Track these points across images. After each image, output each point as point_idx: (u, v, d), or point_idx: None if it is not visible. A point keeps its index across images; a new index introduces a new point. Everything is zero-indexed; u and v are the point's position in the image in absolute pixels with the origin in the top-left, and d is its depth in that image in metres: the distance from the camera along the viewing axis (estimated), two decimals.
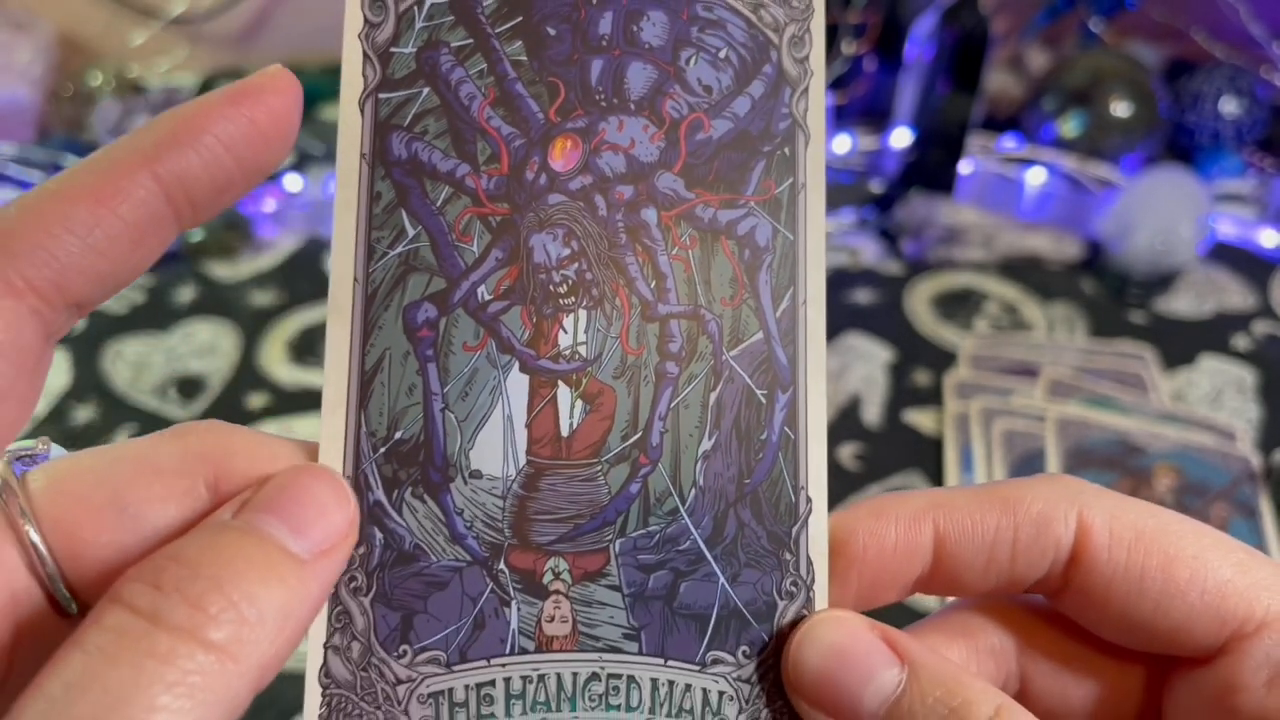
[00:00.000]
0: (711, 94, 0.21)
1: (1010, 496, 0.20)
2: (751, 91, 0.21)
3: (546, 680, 0.20)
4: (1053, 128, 0.84)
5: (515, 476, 0.20)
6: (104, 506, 0.18)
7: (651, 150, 0.21)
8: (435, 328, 0.20)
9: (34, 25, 0.86)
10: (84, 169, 0.18)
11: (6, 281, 0.17)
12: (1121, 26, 0.99)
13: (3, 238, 0.17)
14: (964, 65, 0.74)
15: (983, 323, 0.70)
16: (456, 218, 0.20)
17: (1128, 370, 0.65)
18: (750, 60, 0.21)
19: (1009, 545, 0.20)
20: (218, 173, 0.18)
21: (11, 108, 0.84)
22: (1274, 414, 0.63)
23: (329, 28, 0.92)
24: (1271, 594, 0.19)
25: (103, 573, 0.18)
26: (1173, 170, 0.76)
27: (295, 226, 0.77)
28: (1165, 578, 0.19)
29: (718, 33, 0.21)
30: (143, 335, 0.67)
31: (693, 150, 0.21)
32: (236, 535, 0.17)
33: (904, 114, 0.80)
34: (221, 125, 0.18)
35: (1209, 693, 0.19)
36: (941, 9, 0.74)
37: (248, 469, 0.19)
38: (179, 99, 0.84)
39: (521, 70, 0.21)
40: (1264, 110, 0.88)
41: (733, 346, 0.21)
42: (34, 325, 0.17)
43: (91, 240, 0.17)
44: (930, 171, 0.79)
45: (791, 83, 0.21)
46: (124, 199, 0.17)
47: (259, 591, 0.16)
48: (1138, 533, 0.20)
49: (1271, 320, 0.71)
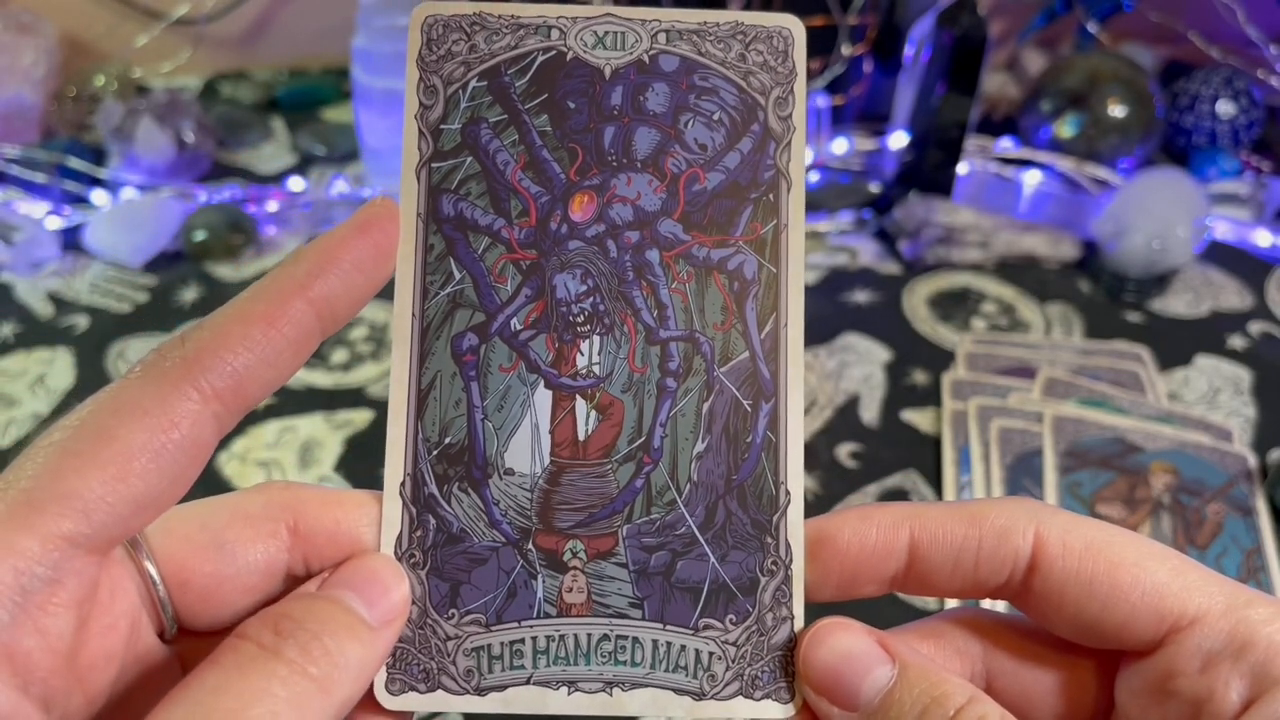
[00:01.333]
0: (706, 151, 0.25)
1: (976, 511, 0.24)
2: (741, 147, 0.25)
3: (566, 639, 0.24)
4: (1050, 129, 0.84)
5: (541, 473, 0.25)
6: (206, 545, 0.23)
7: (655, 201, 0.25)
8: (477, 353, 0.25)
9: (38, 27, 0.87)
10: (254, 297, 0.22)
11: (198, 389, 0.21)
12: (1118, 29, 1.00)
13: (196, 354, 0.21)
14: (961, 67, 0.75)
15: (980, 323, 0.70)
16: (494, 263, 0.25)
17: (1124, 370, 0.65)
18: (740, 120, 0.25)
19: (974, 553, 0.24)
20: (352, 289, 0.23)
21: (15, 109, 0.84)
22: (1270, 413, 0.63)
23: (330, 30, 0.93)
24: (1201, 594, 0.22)
25: (204, 599, 0.23)
26: (1169, 171, 0.76)
27: (297, 227, 0.78)
28: (1111, 581, 0.23)
29: (712, 98, 0.25)
30: (146, 335, 0.67)
31: (690, 199, 0.25)
32: (327, 603, 0.22)
33: (902, 116, 0.81)
34: (354, 251, 0.23)
35: (1152, 680, 0.23)
36: (939, 12, 0.75)
37: (319, 513, 0.23)
38: (182, 100, 0.84)
39: (547, 139, 0.25)
40: (1260, 112, 0.89)
41: (723, 364, 0.25)
42: (213, 426, 0.21)
43: (262, 355, 0.22)
44: (928, 173, 0.79)
45: (776, 138, 0.25)
46: (286, 321, 0.22)
47: (345, 645, 0.21)
48: (1086, 544, 0.23)
49: (1267, 320, 0.72)
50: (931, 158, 0.79)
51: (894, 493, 0.56)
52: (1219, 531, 0.54)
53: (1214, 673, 0.22)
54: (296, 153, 0.89)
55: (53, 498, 0.19)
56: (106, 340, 0.66)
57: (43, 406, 0.61)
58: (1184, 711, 0.22)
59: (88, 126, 0.88)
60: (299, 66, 1.01)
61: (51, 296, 0.70)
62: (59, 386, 0.62)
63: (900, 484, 0.57)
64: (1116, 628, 0.23)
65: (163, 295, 0.71)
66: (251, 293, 0.22)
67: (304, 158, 0.88)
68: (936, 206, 0.77)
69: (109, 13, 0.94)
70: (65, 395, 0.62)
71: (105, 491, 0.20)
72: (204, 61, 0.99)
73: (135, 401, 0.20)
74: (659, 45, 0.25)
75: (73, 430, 0.20)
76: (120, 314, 0.69)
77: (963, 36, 0.74)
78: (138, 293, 0.71)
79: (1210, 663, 0.22)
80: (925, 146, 0.78)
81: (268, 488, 0.24)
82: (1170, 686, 0.22)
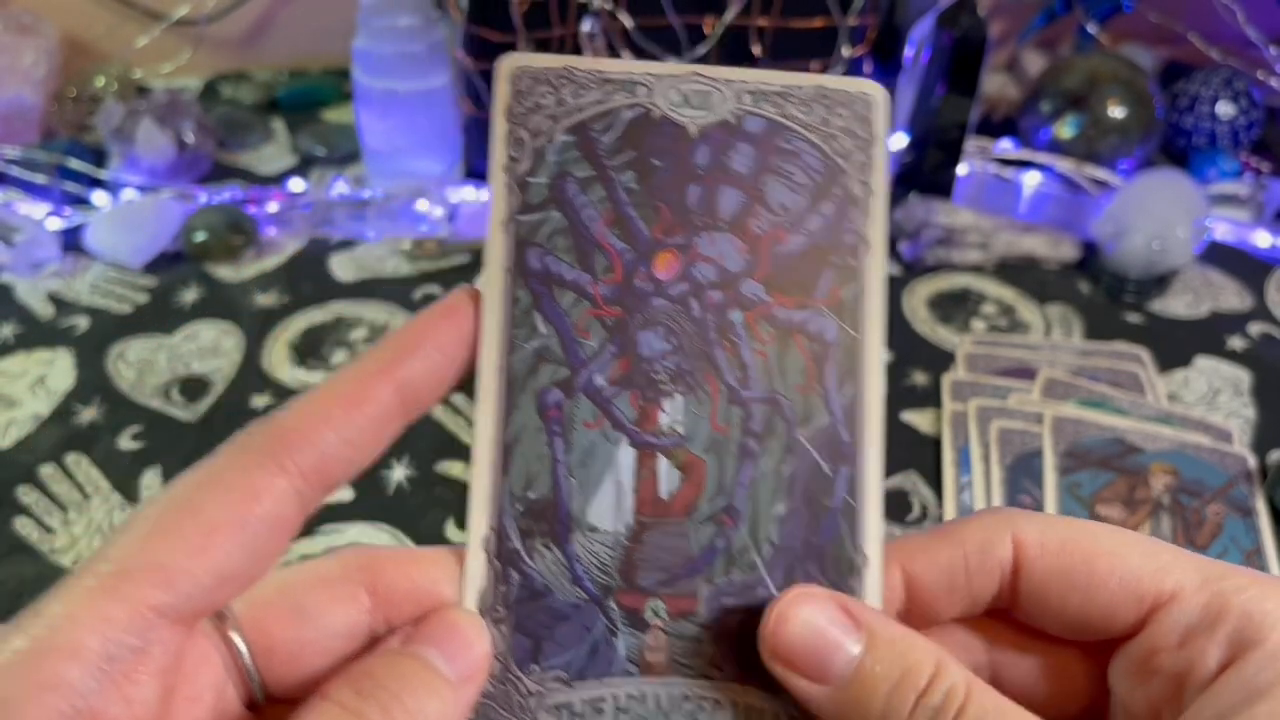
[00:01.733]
0: (789, 212, 0.25)
1: (955, 532, 0.25)
2: (823, 210, 0.25)
3: (647, 698, 0.24)
4: (1049, 130, 0.84)
5: (624, 531, 0.25)
6: (287, 611, 0.23)
7: (739, 261, 0.25)
8: (562, 408, 0.24)
9: (38, 27, 0.87)
10: (341, 379, 0.23)
11: (282, 467, 0.21)
12: (1118, 29, 1.00)
13: (281, 432, 0.22)
14: (961, 68, 0.75)
15: (980, 324, 0.70)
16: (579, 318, 0.25)
17: (1124, 371, 0.65)
18: (823, 183, 0.25)
19: (963, 571, 0.24)
20: (435, 371, 0.23)
21: (16, 110, 0.84)
22: (1269, 414, 0.63)
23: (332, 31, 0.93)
24: (1177, 572, 0.23)
25: (287, 664, 0.23)
26: (1169, 172, 0.76)
27: (298, 228, 0.78)
28: (1089, 572, 0.23)
29: (795, 161, 0.25)
30: (146, 336, 0.67)
31: (773, 260, 0.25)
32: (408, 660, 0.22)
33: (901, 117, 0.81)
34: (436, 336, 0.24)
35: (1138, 659, 0.23)
36: (939, 12, 0.75)
37: (397, 572, 0.23)
38: (182, 101, 0.84)
39: (633, 195, 0.25)
40: (1260, 113, 0.89)
41: (804, 426, 0.25)
42: (296, 503, 0.22)
43: (345, 435, 0.22)
44: (927, 174, 0.79)
45: (856, 202, 0.25)
46: (371, 404, 0.23)
47: (425, 704, 0.21)
48: (1062, 541, 0.24)
49: (1267, 321, 0.72)
50: (931, 159, 0.79)
51: (894, 493, 0.56)
52: (1219, 532, 0.54)
53: (1193, 645, 0.22)
54: (297, 154, 0.89)
55: (139, 568, 0.20)
56: (107, 341, 0.66)
57: (43, 407, 0.61)
58: (1167, 686, 0.23)
59: (88, 127, 0.88)
60: (299, 67, 1.01)
61: (52, 297, 0.70)
62: (59, 387, 0.62)
63: (900, 485, 0.57)
64: (1100, 617, 0.23)
65: (163, 296, 0.71)
66: (338, 375, 0.23)
67: (304, 159, 0.88)
68: (936, 207, 0.77)
69: (109, 13, 0.94)
70: (65, 396, 0.61)
71: (189, 563, 0.20)
72: (204, 62, 0.99)
73: (219, 477, 0.21)
74: (744, 106, 0.25)
75: (160, 505, 0.21)
76: (121, 315, 0.69)
77: (962, 37, 0.74)
78: (138, 294, 0.71)
79: (1189, 636, 0.22)
80: (925, 147, 0.79)
81: (343, 552, 0.24)
82: (1153, 664, 0.23)
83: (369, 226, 0.78)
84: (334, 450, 0.22)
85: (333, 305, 0.70)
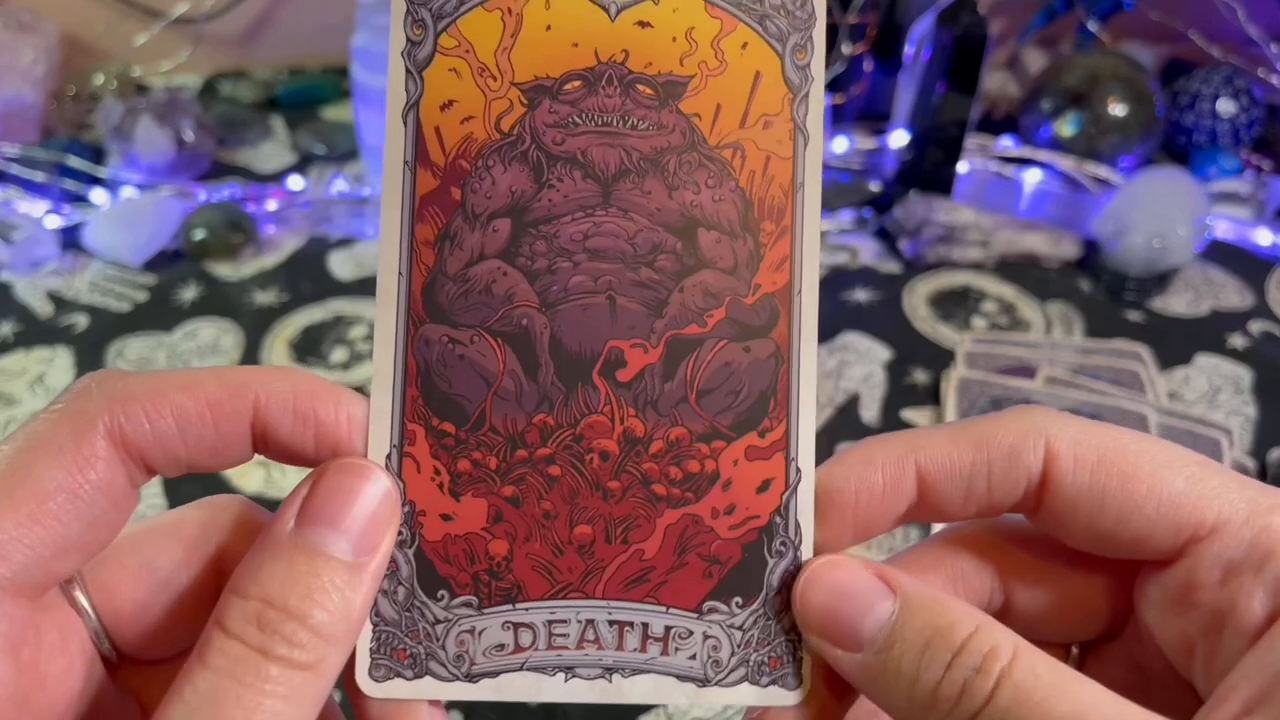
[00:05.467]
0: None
1: (983, 434, 0.23)
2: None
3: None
4: (1050, 128, 0.84)
5: None
6: (139, 573, 0.22)
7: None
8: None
9: (37, 26, 0.87)
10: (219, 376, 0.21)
11: (112, 434, 0.20)
12: (1118, 27, 1.00)
13: (123, 400, 0.20)
14: (961, 66, 0.75)
15: (980, 322, 0.70)
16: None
17: (1124, 369, 0.65)
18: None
19: (985, 478, 0.22)
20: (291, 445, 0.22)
21: (15, 108, 0.84)
22: (1270, 413, 0.63)
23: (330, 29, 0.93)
24: (1221, 501, 0.21)
25: (135, 620, 0.22)
26: (1169, 170, 0.76)
27: (297, 226, 0.78)
28: (1124, 495, 0.21)
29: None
30: (145, 334, 0.67)
31: None
32: (305, 560, 0.20)
33: (902, 115, 0.81)
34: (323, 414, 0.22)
35: (1174, 590, 0.22)
36: (939, 10, 0.75)
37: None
38: (181, 99, 0.84)
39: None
40: (1260, 110, 0.89)
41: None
42: (123, 472, 0.21)
43: (184, 433, 0.21)
44: (928, 171, 0.79)
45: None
46: (225, 418, 0.21)
47: (332, 613, 0.20)
48: (1100, 455, 0.22)
49: (1267, 319, 0.72)
50: (931, 156, 0.79)
51: None
52: None
53: (1236, 583, 0.21)
54: (296, 151, 0.89)
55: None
56: (106, 339, 0.66)
57: (42, 405, 0.61)
58: (1206, 622, 0.21)
59: (87, 125, 0.88)
60: (298, 65, 1.01)
61: (51, 295, 0.70)
62: (58, 385, 0.62)
63: None
64: (1133, 541, 0.22)
65: (162, 294, 0.71)
66: (222, 370, 0.22)
67: (304, 156, 0.88)
68: (937, 205, 0.77)
69: (109, 11, 0.94)
70: None
71: (21, 533, 0.19)
72: (203, 60, 0.99)
73: (50, 438, 0.20)
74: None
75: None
76: (120, 313, 0.69)
77: (963, 35, 0.74)
78: (137, 292, 0.71)
79: (1231, 573, 0.21)
80: (925, 145, 0.78)
81: (210, 503, 0.23)
82: (1191, 598, 0.21)
83: (368, 224, 0.78)
84: (164, 440, 0.21)
85: (332, 303, 0.70)
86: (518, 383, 0.23)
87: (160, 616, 0.22)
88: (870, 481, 0.23)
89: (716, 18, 0.23)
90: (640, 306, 0.23)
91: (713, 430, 0.23)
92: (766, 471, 0.23)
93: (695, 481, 0.23)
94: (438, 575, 0.23)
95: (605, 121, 0.23)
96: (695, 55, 0.23)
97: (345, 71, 0.78)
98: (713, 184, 0.23)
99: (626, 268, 0.23)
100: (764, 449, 0.23)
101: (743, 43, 0.23)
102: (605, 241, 0.23)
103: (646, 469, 0.23)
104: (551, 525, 0.23)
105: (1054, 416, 0.23)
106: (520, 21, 0.23)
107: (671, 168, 0.23)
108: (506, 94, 0.23)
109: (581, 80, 0.23)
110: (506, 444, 0.23)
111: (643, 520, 0.23)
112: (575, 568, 0.23)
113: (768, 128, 0.23)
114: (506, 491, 0.23)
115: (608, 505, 0.23)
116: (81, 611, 0.21)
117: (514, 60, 0.23)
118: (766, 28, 0.23)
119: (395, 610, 0.23)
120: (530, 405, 0.23)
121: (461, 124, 0.23)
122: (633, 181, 0.23)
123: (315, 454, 0.22)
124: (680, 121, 0.23)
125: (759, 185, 0.23)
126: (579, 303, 0.23)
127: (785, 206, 0.23)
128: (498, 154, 0.23)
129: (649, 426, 0.23)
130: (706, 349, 0.23)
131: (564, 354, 0.23)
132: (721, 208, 0.23)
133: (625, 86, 0.23)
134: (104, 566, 0.22)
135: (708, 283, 0.23)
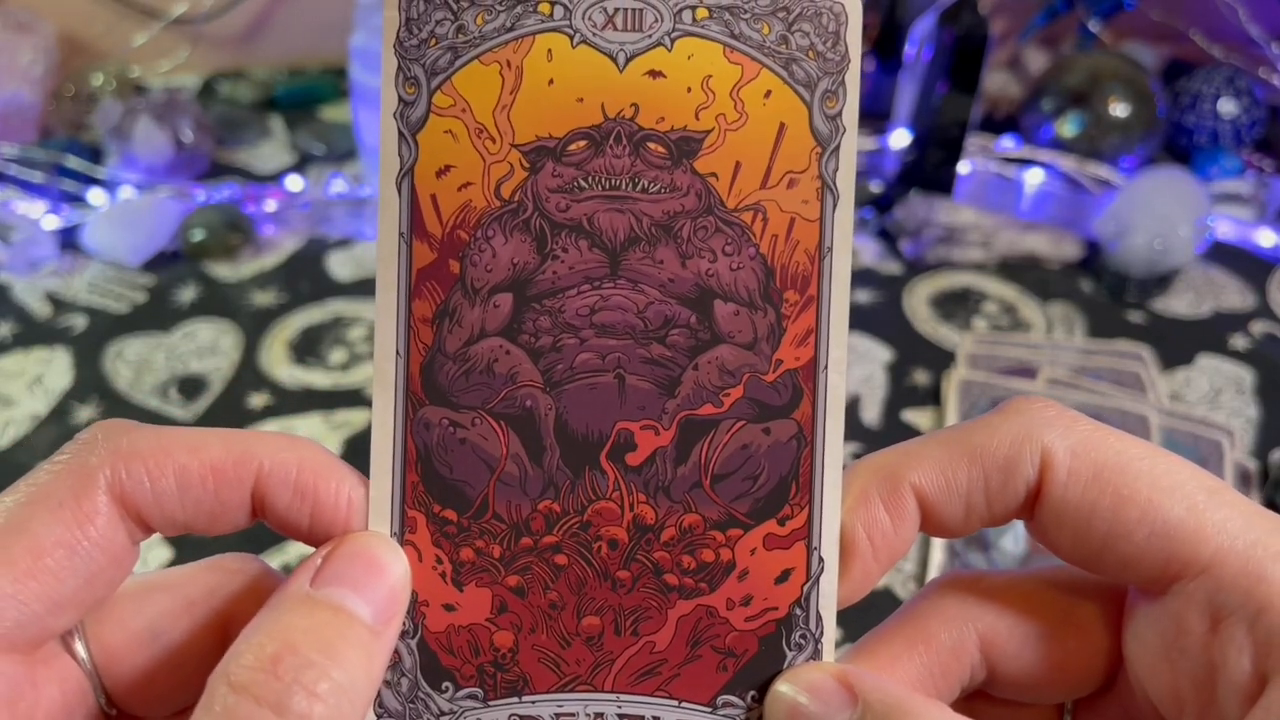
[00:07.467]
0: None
1: (976, 445, 0.21)
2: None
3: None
4: (1051, 128, 0.84)
5: None
6: (140, 632, 0.22)
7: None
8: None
9: (36, 26, 0.87)
10: (226, 440, 0.21)
11: (113, 490, 0.20)
12: (1120, 27, 0.99)
13: (126, 457, 0.20)
14: (962, 66, 0.74)
15: (981, 322, 0.70)
16: None
17: (1126, 370, 0.65)
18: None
19: (982, 493, 0.21)
20: (288, 517, 0.21)
21: (13, 108, 0.84)
22: (1272, 414, 0.63)
23: (329, 29, 0.92)
24: (1221, 537, 0.20)
25: (135, 681, 0.22)
26: (1171, 170, 0.76)
27: (296, 226, 0.78)
28: (1114, 518, 0.20)
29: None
30: (144, 335, 0.67)
31: None
32: (324, 612, 0.20)
33: (903, 115, 0.81)
34: (325, 491, 0.22)
35: (1162, 633, 0.21)
36: (940, 10, 0.75)
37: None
38: (180, 99, 0.84)
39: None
40: (1262, 111, 0.88)
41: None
42: (123, 528, 0.20)
43: (184, 495, 0.20)
44: (929, 172, 0.79)
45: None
46: (226, 484, 0.21)
47: (352, 668, 0.19)
48: (1096, 471, 0.20)
49: (1269, 320, 0.71)
50: (932, 157, 0.78)
51: None
52: None
53: (1227, 635, 0.19)
54: (295, 152, 0.89)
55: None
56: (104, 340, 0.66)
57: (41, 406, 0.61)
58: (1196, 675, 0.20)
59: (85, 126, 0.88)
60: (297, 65, 1.01)
61: (49, 296, 0.70)
62: (57, 386, 0.62)
63: None
64: (1119, 565, 0.21)
65: (161, 295, 0.70)
66: (216, 431, 0.21)
67: (302, 157, 0.88)
68: (938, 206, 0.76)
69: (107, 12, 0.94)
70: (63, 395, 0.61)
71: (16, 589, 0.19)
72: (202, 60, 0.99)
73: (50, 492, 0.20)
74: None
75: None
76: (118, 314, 0.68)
77: (964, 35, 0.73)
78: (136, 292, 0.71)
79: (1222, 621, 0.19)
80: (926, 145, 0.78)
81: (219, 565, 0.23)
82: (1181, 643, 0.20)
83: (367, 224, 0.77)
84: (164, 501, 0.20)
85: (331, 304, 0.70)
86: (521, 467, 0.22)
87: (161, 678, 0.22)
88: (878, 521, 0.22)
89: (736, 63, 0.21)
90: (651, 385, 0.22)
91: (729, 518, 0.22)
92: (786, 561, 0.22)
93: (709, 571, 0.22)
94: (441, 667, 0.22)
95: (613, 185, 0.21)
96: (712, 107, 0.21)
97: (344, 71, 0.78)
98: (730, 250, 0.21)
99: (636, 344, 0.22)
100: (784, 538, 0.22)
101: (765, 91, 0.21)
102: (613, 316, 0.22)
103: (658, 558, 0.22)
104: (558, 616, 0.22)
105: (1052, 420, 0.21)
106: (520, 76, 0.21)
107: (685, 234, 0.21)
108: (506, 157, 0.21)
109: (587, 139, 0.21)
110: (510, 532, 0.22)
111: (654, 611, 0.22)
112: (584, 660, 0.22)
113: (792, 186, 0.21)
114: (511, 581, 0.22)
115: (617, 596, 0.22)
116: (81, 664, 0.21)
117: (514, 119, 0.21)
118: (793, 73, 0.21)
119: (399, 702, 0.22)
120: (535, 491, 0.22)
121: (459, 191, 0.21)
122: (643, 250, 0.21)
123: (310, 532, 0.21)
124: (695, 182, 0.21)
125: (782, 251, 0.22)
126: (585, 382, 0.22)
127: (811, 274, 0.22)
128: (498, 223, 0.21)
129: (660, 513, 0.22)
130: (722, 431, 0.22)
131: (570, 436, 0.22)
132: (740, 276, 0.22)
133: (635, 145, 0.21)
134: (105, 625, 0.21)
135: (724, 359, 0.22)
